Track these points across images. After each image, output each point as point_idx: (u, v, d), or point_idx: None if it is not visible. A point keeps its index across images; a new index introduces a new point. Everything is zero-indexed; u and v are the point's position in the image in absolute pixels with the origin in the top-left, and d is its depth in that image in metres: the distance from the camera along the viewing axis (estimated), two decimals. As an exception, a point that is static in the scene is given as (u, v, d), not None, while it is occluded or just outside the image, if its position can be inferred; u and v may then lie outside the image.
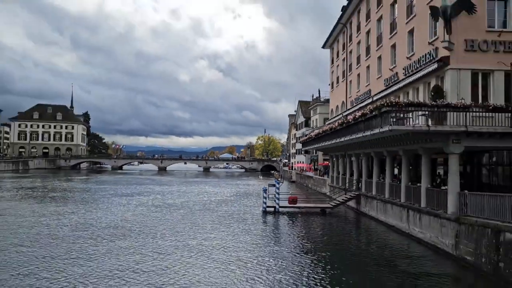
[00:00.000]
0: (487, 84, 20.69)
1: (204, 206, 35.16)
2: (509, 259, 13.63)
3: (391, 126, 18.65)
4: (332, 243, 21.79)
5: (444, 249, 18.21)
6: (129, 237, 20.75)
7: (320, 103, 73.85)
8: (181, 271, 14.81)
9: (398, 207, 24.14)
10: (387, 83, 29.15)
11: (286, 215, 30.65)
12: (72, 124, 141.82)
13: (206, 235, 21.90)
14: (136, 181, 71.13)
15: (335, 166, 45.34)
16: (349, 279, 14.59)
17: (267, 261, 16.67)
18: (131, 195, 44.97)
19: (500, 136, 18.04)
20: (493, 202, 15.60)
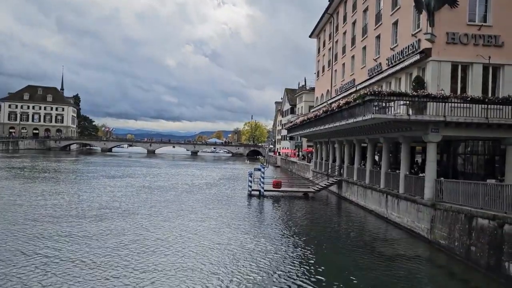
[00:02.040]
0: (466, 76, 21.45)
1: (191, 189, 35.70)
2: (480, 243, 14.47)
3: (374, 114, 19.32)
4: (314, 226, 22.54)
5: (419, 233, 19.11)
6: (117, 218, 21.10)
7: (306, 91, 74.48)
8: (166, 253, 15.26)
9: (377, 192, 25.02)
10: (371, 73, 29.78)
11: (270, 199, 31.38)
12: (63, 106, 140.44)
13: (192, 216, 22.41)
14: (125, 163, 71.60)
15: (318, 152, 46.19)
16: (328, 260, 15.30)
17: (251, 242, 17.27)
18: (121, 176, 45.32)
19: (476, 126, 18.85)
20: (467, 189, 16.41)
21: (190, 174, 52.82)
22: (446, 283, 13.73)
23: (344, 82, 38.02)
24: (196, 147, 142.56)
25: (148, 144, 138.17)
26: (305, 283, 12.41)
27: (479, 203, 15.31)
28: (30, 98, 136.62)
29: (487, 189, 15.29)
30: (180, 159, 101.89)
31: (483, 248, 14.22)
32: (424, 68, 22.17)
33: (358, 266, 14.63)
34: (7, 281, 11.56)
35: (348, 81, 36.36)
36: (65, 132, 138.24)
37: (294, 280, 12.64)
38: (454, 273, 14.35)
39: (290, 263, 14.46)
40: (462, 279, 13.65)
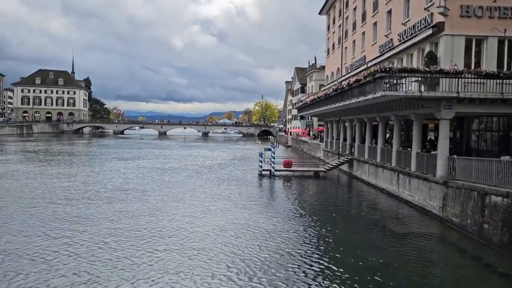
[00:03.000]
0: (480, 51, 20.88)
1: (203, 169, 35.89)
2: (493, 220, 14.29)
3: (384, 92, 18.97)
4: (325, 205, 22.52)
5: (431, 211, 18.95)
6: (132, 199, 21.30)
7: (316, 70, 73.68)
8: (181, 233, 15.38)
9: (388, 171, 24.80)
10: (382, 49, 29.18)
11: (281, 178, 31.40)
12: (74, 90, 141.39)
13: (204, 196, 22.53)
14: (137, 145, 72.51)
15: (329, 131, 45.88)
16: (340, 239, 15.27)
17: (263, 222, 17.31)
18: (133, 158, 45.85)
19: (490, 102, 18.42)
20: (480, 167, 16.12)
21: (202, 155, 53.06)
22: (458, 261, 13.64)
23: (354, 60, 37.38)
24: (207, 128, 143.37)
25: (159, 126, 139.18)
26: (318, 262, 12.42)
27: (493, 180, 15.04)
28: (42, 82, 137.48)
29: (501, 166, 14.99)
30: (191, 140, 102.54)
31: (496, 226, 14.05)
32: (437, 43, 21.61)
33: (370, 244, 14.58)
34: (32, 261, 11.77)
35: (359, 58, 35.74)
36: (77, 115, 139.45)
37: (307, 259, 12.65)
38: (466, 251, 14.24)
39: (302, 242, 14.47)
40: (474, 256, 13.54)
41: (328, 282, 10.82)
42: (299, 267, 11.95)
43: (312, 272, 11.53)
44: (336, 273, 11.55)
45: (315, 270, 11.74)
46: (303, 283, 10.69)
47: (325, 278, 11.10)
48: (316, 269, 11.84)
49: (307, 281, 10.87)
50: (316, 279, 11.04)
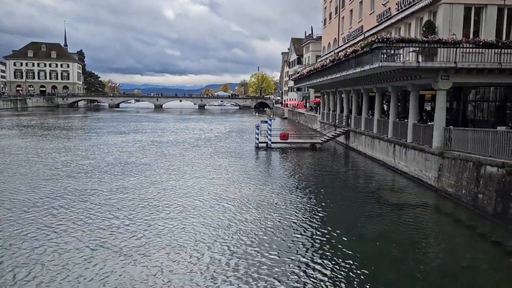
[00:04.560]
0: (479, 20, 20.54)
1: (199, 142, 35.90)
2: (488, 190, 14.43)
3: (382, 62, 18.77)
4: (322, 176, 22.65)
5: (427, 181, 19.10)
6: (130, 173, 21.31)
7: (313, 40, 72.70)
8: (179, 206, 15.48)
9: (385, 142, 24.85)
10: (380, 19, 28.71)
11: (277, 150, 31.48)
12: (68, 62, 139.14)
13: (201, 169, 22.58)
14: (133, 119, 72.40)
15: (325, 103, 45.71)
16: (337, 210, 15.44)
17: (260, 194, 17.42)
18: (130, 132, 45.80)
19: (488, 72, 18.27)
20: (476, 137, 16.15)
21: (198, 128, 53.02)
22: (452, 230, 13.84)
23: (351, 30, 36.83)
24: (203, 100, 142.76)
25: (155, 99, 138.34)
26: (315, 233, 12.57)
27: (488, 150, 15.11)
28: (34, 55, 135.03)
29: (496, 137, 15.02)
30: (187, 113, 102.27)
31: (490, 196, 14.19)
32: (435, 12, 21.24)
33: (366, 214, 14.76)
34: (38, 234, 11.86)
35: (356, 28, 35.20)
36: (71, 88, 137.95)
37: (305, 230, 12.80)
38: (461, 220, 14.43)
39: (299, 213, 14.61)
40: (469, 225, 13.74)
41: (325, 251, 10.98)
42: (297, 237, 12.10)
43: (309, 242, 11.69)
44: (333, 242, 11.71)
45: (312, 239, 11.89)
46: (300, 253, 10.84)
47: (322, 247, 11.26)
48: (313, 238, 11.99)
49: (305, 250, 11.02)
50: (313, 248, 11.20)
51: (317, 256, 10.70)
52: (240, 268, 9.84)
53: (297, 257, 10.59)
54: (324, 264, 10.18)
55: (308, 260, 10.45)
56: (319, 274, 9.62)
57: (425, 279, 9.57)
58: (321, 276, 9.51)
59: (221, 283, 9.11)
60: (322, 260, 10.42)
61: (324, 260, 10.42)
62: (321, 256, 10.73)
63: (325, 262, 10.29)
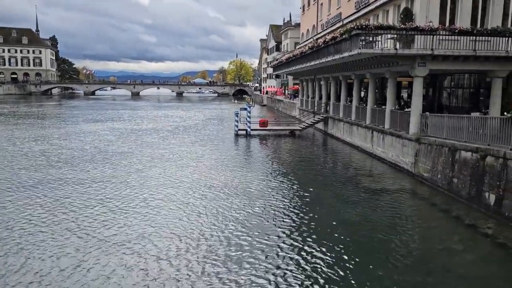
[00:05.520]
0: (455, 7, 20.83)
1: (178, 130, 35.60)
2: (462, 175, 14.83)
3: (360, 49, 18.91)
4: (301, 163, 22.83)
5: (404, 167, 19.49)
6: (107, 162, 21.03)
7: (291, 27, 72.66)
8: (158, 193, 15.38)
9: (363, 128, 25.18)
10: (358, 5, 28.80)
11: (257, 138, 31.55)
12: (40, 49, 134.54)
13: (180, 157, 22.44)
14: (110, 106, 71.27)
15: (304, 90, 45.88)
16: (316, 196, 15.60)
17: (239, 181, 17.47)
18: (107, 120, 45.02)
19: (464, 59, 18.62)
20: (451, 123, 16.53)
21: (177, 116, 52.58)
22: (428, 214, 14.20)
23: (330, 17, 36.87)
24: (181, 88, 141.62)
25: (132, 86, 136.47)
26: (295, 218, 12.71)
27: (463, 136, 15.49)
28: (5, 41, 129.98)
29: (471, 122, 15.41)
30: (165, 100, 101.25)
31: (465, 180, 14.60)
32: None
33: (345, 200, 14.98)
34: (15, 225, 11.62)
35: (335, 15, 35.24)
36: (44, 76, 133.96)
37: (285, 215, 12.92)
38: (436, 204, 14.81)
39: (279, 199, 14.71)
40: (444, 209, 14.12)
41: (305, 236, 11.13)
42: (276, 223, 12.21)
43: (289, 227, 11.82)
44: (313, 227, 11.88)
45: (292, 225, 12.03)
46: (280, 238, 10.96)
47: (302, 233, 11.39)
48: (294, 223, 12.13)
49: (284, 235, 11.15)
50: (293, 233, 11.34)
51: (298, 241, 10.84)
52: (221, 254, 9.90)
53: (277, 242, 10.70)
54: (304, 249, 10.32)
55: (288, 244, 10.58)
56: (299, 258, 9.77)
57: (402, 262, 9.82)
58: (301, 260, 9.66)
59: (202, 268, 9.15)
60: (302, 245, 10.56)
61: (304, 245, 10.57)
62: (301, 240, 10.87)
63: (305, 247, 10.44)
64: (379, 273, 9.19)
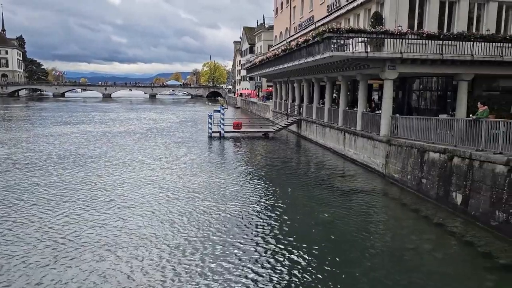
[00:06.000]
0: (423, 12, 21.41)
1: (150, 133, 35.13)
2: (431, 175, 15.22)
3: (332, 52, 19.18)
4: (274, 165, 22.92)
5: (375, 168, 19.85)
6: (77, 166, 20.53)
7: (265, 30, 72.98)
8: (131, 196, 15.13)
9: (335, 130, 25.52)
10: (330, 9, 29.20)
11: (231, 140, 31.50)
12: (6, 49, 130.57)
13: (153, 160, 22.14)
14: (80, 109, 69.77)
15: (278, 92, 46.12)
16: (289, 197, 15.70)
17: (212, 184, 17.38)
18: (77, 122, 43.95)
19: (431, 62, 19.14)
20: (420, 125, 16.97)
21: (150, 118, 51.91)
22: (398, 214, 14.50)
23: (303, 19, 37.25)
24: (154, 89, 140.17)
25: (103, 87, 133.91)
26: (269, 219, 12.74)
27: (431, 137, 15.92)
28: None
29: (438, 124, 15.86)
30: (138, 102, 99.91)
31: (433, 180, 14.99)
32: (382, 4, 21.89)
33: (319, 201, 15.11)
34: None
35: (307, 18, 35.63)
36: (11, 77, 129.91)
37: (258, 217, 12.93)
38: (406, 204, 15.14)
39: (253, 202, 14.72)
40: (414, 209, 14.44)
41: (280, 238, 11.17)
42: (250, 224, 12.21)
43: (263, 229, 11.84)
44: (286, 228, 11.94)
45: (266, 226, 12.05)
46: (254, 239, 10.96)
47: (277, 235, 11.44)
48: (267, 225, 12.16)
49: (259, 237, 11.16)
50: (268, 236, 11.36)
51: (273, 242, 10.88)
52: (196, 257, 9.82)
53: (252, 245, 10.70)
54: (279, 250, 10.36)
55: (263, 246, 10.59)
56: (274, 260, 9.79)
57: (375, 261, 9.99)
58: (276, 262, 9.69)
59: (176, 273, 9.05)
60: (277, 246, 10.60)
61: (279, 246, 10.61)
62: (276, 242, 10.91)
63: (280, 248, 10.48)
64: (352, 272, 9.32)
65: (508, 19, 22.28)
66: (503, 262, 9.98)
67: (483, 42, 19.18)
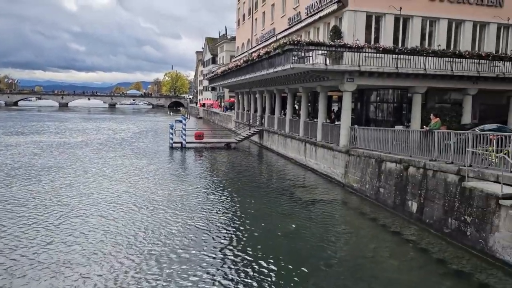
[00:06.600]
0: (379, 27, 22.25)
1: (109, 143, 34.25)
2: (388, 185, 15.69)
3: (293, 64, 19.51)
4: (236, 176, 22.90)
5: (335, 178, 20.25)
6: (28, 179, 19.68)
7: (227, 40, 73.31)
8: (89, 209, 14.65)
9: (296, 141, 25.87)
10: (291, 22, 29.77)
11: (192, 151, 31.25)
12: None
13: (111, 171, 21.58)
14: (35, 118, 67.20)
15: (240, 103, 46.30)
16: (251, 208, 15.67)
17: (173, 195, 17.13)
18: (30, 132, 42.19)
19: (387, 75, 19.87)
20: (378, 135, 17.50)
21: (109, 128, 50.66)
22: (357, 223, 14.81)
23: (264, 31, 37.74)
24: (113, 99, 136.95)
25: (59, 96, 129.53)
26: (229, 231, 12.67)
27: (388, 148, 16.42)
28: None
29: (395, 135, 16.41)
30: (96, 112, 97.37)
31: (390, 189, 15.46)
32: (341, 18, 22.55)
33: (280, 212, 15.20)
34: None
35: (269, 30, 36.14)
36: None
37: (219, 228, 12.84)
38: (365, 213, 15.49)
39: (214, 212, 14.62)
40: (372, 218, 14.80)
41: (240, 248, 11.13)
42: (211, 236, 12.11)
43: (223, 240, 11.76)
44: (246, 239, 11.91)
45: (226, 237, 11.98)
46: (214, 251, 10.87)
47: (238, 246, 11.39)
48: (228, 236, 12.09)
49: (219, 248, 11.07)
50: (229, 246, 11.28)
51: (235, 253, 10.82)
52: (157, 271, 9.61)
53: (216, 256, 10.61)
54: (241, 261, 10.32)
55: (225, 257, 10.52)
56: (236, 270, 9.74)
57: (335, 270, 10.15)
58: (238, 272, 9.64)
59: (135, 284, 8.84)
60: (239, 257, 10.55)
61: (241, 257, 10.56)
62: (238, 253, 10.86)
63: (242, 259, 10.44)
64: (313, 281, 9.40)
65: (457, 35, 23.52)
66: (455, 268, 10.39)
67: (434, 57, 20.13)
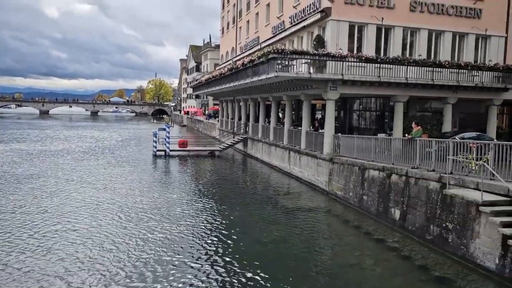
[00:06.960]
0: (362, 36, 22.58)
1: (91, 152, 33.79)
2: (371, 192, 15.84)
3: (277, 72, 19.63)
4: (221, 184, 22.81)
5: (319, 185, 20.34)
6: (16, 185, 19.27)
7: (211, 48, 73.48)
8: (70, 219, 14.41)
9: (281, 149, 25.95)
10: (275, 31, 29.99)
11: (176, 159, 31.05)
12: None
13: (94, 180, 21.28)
14: (15, 126, 66.00)
15: (224, 111, 46.31)
16: (235, 216, 15.63)
17: (157, 204, 16.98)
18: (8, 140, 41.27)
19: (370, 84, 20.15)
20: (361, 143, 17.69)
21: (91, 136, 50.05)
22: (341, 230, 14.88)
23: (248, 40, 37.92)
24: (96, 106, 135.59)
25: (40, 104, 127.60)
26: (214, 239, 12.60)
27: (371, 156, 16.60)
28: None
29: (377, 143, 16.63)
30: (78, 119, 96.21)
31: (373, 197, 15.61)
32: (324, 27, 22.83)
33: (265, 220, 15.18)
34: None
35: (253, 38, 36.33)
36: None
37: (204, 236, 12.77)
38: (349, 221, 15.59)
39: (199, 221, 14.53)
40: (355, 225, 14.91)
41: (225, 256, 11.07)
42: (196, 244, 12.02)
43: (208, 248, 11.69)
44: (232, 247, 11.87)
45: (211, 245, 11.91)
46: (199, 259, 10.78)
47: (222, 253, 11.33)
48: (213, 244, 12.02)
49: (204, 257, 10.99)
50: (212, 254, 11.22)
51: (217, 262, 10.76)
52: (139, 278, 9.48)
53: (202, 264, 10.53)
54: (223, 269, 10.26)
55: (213, 266, 10.45)
56: (218, 278, 9.68)
57: (319, 278, 10.15)
58: (220, 281, 9.57)
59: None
60: (221, 265, 10.49)
61: (223, 265, 10.51)
62: (220, 261, 10.80)
63: (224, 267, 10.38)
64: (296, 291, 9.40)
65: (437, 45, 24.03)
66: (437, 274, 10.51)
67: (416, 67, 20.51)
